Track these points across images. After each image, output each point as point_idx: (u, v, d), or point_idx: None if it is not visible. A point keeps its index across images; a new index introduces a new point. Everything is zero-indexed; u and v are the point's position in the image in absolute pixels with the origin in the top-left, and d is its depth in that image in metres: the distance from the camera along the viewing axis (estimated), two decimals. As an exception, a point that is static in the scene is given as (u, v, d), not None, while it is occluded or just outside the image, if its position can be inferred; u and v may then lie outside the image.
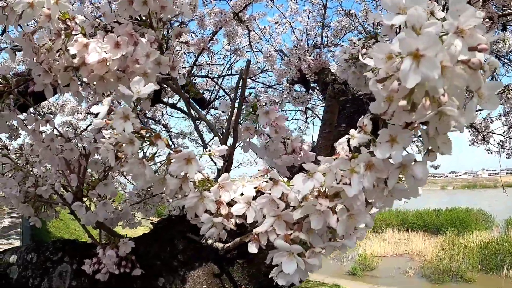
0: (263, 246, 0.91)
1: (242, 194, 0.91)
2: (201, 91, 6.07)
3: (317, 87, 5.87)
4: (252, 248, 0.93)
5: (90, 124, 6.07)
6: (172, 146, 1.62)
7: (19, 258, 1.91)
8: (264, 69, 6.28)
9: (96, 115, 0.92)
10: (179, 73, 1.18)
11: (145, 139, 0.85)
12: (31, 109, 2.30)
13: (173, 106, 6.11)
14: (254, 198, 0.91)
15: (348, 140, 0.87)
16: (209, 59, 7.08)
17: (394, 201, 0.83)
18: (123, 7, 1.05)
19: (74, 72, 1.05)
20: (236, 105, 1.25)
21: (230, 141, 1.32)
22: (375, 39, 1.86)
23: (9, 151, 1.92)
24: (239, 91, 1.22)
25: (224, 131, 1.29)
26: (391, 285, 13.16)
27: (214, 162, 1.20)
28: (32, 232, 7.88)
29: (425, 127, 0.73)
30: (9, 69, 1.41)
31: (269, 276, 0.94)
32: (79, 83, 1.12)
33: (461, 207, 22.14)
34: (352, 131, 0.87)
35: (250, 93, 1.21)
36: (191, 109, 1.35)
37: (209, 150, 0.97)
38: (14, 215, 8.71)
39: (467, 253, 15.71)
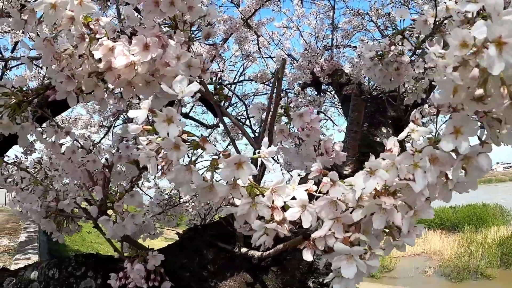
0: (319, 252, 0.86)
1: (293, 198, 0.86)
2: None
3: (328, 89, 5.86)
4: (307, 255, 0.87)
5: (104, 137, 6.05)
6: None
7: (40, 274, 1.87)
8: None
9: (130, 120, 0.86)
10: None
11: (189, 143, 0.79)
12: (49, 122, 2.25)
13: (186, 115, 6.06)
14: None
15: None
16: (219, 66, 7.04)
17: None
18: (149, 8, 0.99)
19: (98, 78, 1.00)
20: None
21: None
22: (402, 35, 1.85)
23: (26, 166, 1.87)
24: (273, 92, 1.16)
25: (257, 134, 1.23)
26: (410, 286, 13.07)
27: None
28: (49, 246, 7.86)
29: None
30: (26, 81, 1.36)
31: (324, 281, 0.90)
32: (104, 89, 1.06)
33: (478, 202, 21.90)
34: (411, 124, 0.83)
35: (286, 92, 1.15)
36: (221, 113, 1.29)
37: (258, 152, 0.90)
38: (31, 230, 8.73)
39: (486, 249, 15.59)
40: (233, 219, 1.66)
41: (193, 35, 1.15)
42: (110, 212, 1.54)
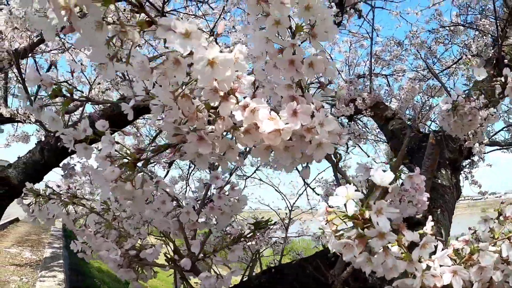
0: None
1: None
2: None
3: (357, 118, 5.78)
4: None
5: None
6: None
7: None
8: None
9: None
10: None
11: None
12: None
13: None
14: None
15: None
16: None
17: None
18: (282, 66, 0.92)
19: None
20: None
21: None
22: (480, 91, 1.97)
23: (90, 204, 1.79)
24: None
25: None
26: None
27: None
28: (71, 260, 7.74)
29: None
30: (107, 124, 1.24)
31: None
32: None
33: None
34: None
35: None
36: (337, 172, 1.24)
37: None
38: (55, 246, 8.64)
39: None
40: (325, 268, 1.60)
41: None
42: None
